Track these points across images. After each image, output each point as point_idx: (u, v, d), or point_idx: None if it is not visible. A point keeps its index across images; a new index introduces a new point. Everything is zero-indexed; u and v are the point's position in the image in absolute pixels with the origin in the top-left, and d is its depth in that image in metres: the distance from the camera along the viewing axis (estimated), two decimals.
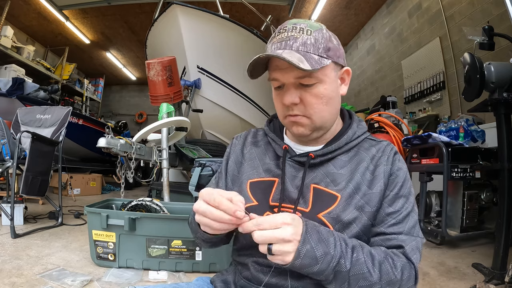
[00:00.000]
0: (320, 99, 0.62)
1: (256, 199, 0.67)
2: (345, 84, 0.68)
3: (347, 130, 0.69)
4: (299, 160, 0.67)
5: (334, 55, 0.62)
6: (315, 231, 0.53)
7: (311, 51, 0.59)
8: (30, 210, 2.82)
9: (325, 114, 0.64)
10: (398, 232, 0.62)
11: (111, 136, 2.05)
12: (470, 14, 3.29)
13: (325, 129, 0.67)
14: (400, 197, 0.64)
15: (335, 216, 0.61)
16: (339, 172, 0.65)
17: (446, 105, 3.69)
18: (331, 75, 0.63)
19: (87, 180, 4.65)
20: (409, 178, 0.67)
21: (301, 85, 0.61)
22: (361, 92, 6.15)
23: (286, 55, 0.57)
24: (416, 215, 0.65)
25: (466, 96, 1.69)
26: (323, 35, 0.61)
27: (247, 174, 0.71)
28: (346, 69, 0.66)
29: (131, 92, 9.73)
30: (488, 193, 2.10)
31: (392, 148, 0.69)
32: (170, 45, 3.67)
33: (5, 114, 3.06)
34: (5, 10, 4.71)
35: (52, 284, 1.34)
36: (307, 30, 0.60)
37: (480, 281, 1.46)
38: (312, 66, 0.57)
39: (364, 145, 0.69)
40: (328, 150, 0.66)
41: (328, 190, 0.64)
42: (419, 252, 0.62)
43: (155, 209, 1.73)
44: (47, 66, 5.97)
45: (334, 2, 5.06)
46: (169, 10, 3.32)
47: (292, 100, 0.61)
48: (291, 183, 0.66)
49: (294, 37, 0.60)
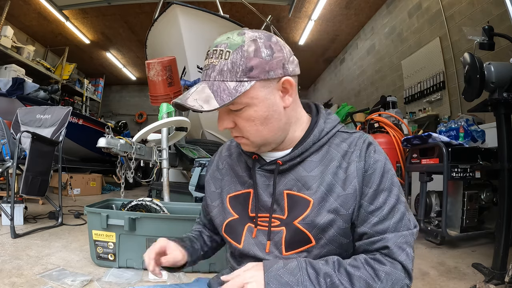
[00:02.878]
0: (252, 121, 0.60)
1: (236, 212, 0.69)
2: (289, 95, 0.61)
3: (313, 129, 0.65)
4: (268, 168, 0.67)
5: (261, 72, 0.56)
6: (275, 280, 0.54)
7: (227, 79, 0.56)
8: (30, 210, 2.82)
9: (264, 134, 0.61)
10: (382, 231, 0.59)
11: (111, 136, 2.05)
12: (470, 14, 3.29)
13: (274, 143, 0.64)
14: (381, 192, 0.60)
15: (310, 222, 0.61)
16: (310, 174, 0.63)
17: (446, 105, 3.69)
18: (261, 95, 0.58)
19: (87, 180, 4.65)
20: (390, 168, 0.62)
21: (232, 110, 0.60)
22: (361, 92, 6.15)
23: (195, 95, 0.57)
24: (402, 206, 0.61)
25: (466, 96, 1.69)
26: (243, 54, 0.56)
27: (226, 189, 0.73)
28: (285, 79, 0.59)
29: (131, 92, 9.74)
30: (488, 193, 2.10)
31: (365, 140, 0.64)
32: (170, 45, 3.67)
33: (5, 114, 3.06)
34: (5, 10, 4.71)
35: (52, 284, 1.34)
36: (225, 52, 0.56)
37: (480, 281, 1.46)
38: (221, 102, 0.55)
39: (335, 141, 0.65)
40: (295, 154, 0.64)
41: (301, 194, 0.63)
42: (409, 247, 0.59)
43: (155, 209, 1.73)
44: (47, 66, 5.97)
45: (334, 2, 5.05)
46: (169, 10, 3.32)
47: (225, 126, 0.62)
48: (264, 192, 0.66)
49: (212, 65, 0.58)
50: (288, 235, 0.63)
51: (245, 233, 0.67)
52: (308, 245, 0.62)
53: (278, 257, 0.63)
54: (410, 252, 0.59)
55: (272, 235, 0.64)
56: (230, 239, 0.70)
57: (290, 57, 0.61)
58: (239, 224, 0.69)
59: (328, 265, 0.56)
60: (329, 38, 6.38)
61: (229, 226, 0.70)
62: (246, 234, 0.67)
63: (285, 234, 0.63)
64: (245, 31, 0.59)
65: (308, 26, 5.72)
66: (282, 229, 0.63)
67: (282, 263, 0.57)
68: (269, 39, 0.58)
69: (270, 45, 0.58)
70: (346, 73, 6.91)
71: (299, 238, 0.62)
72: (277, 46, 0.58)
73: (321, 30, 6.01)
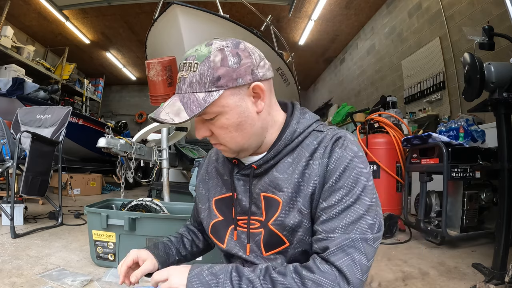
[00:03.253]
0: (226, 129, 0.61)
1: (221, 214, 0.72)
2: (262, 100, 0.62)
3: (285, 131, 0.65)
4: (245, 173, 0.68)
5: (229, 80, 0.57)
6: (197, 279, 0.57)
7: (197, 90, 0.58)
8: (30, 210, 2.82)
9: (238, 140, 0.62)
10: (329, 230, 0.56)
11: (111, 136, 2.05)
12: (470, 14, 3.29)
13: (251, 148, 0.65)
14: (338, 189, 0.57)
15: (280, 223, 0.62)
16: (282, 176, 0.64)
17: (446, 105, 3.69)
18: (231, 102, 0.59)
19: (87, 180, 4.65)
20: (356, 165, 0.58)
21: (206, 120, 0.62)
22: (361, 92, 6.15)
23: (167, 109, 0.59)
24: (362, 208, 0.56)
25: (466, 96, 1.69)
26: (209, 64, 0.57)
27: (213, 192, 0.76)
28: (255, 85, 0.60)
29: (131, 92, 9.74)
30: (488, 193, 2.10)
31: (334, 136, 0.62)
32: (170, 45, 3.66)
33: (5, 114, 3.06)
34: (5, 10, 4.71)
35: (52, 284, 1.34)
36: (194, 64, 0.58)
37: (480, 281, 1.46)
38: (191, 113, 0.57)
39: (308, 141, 0.65)
40: (268, 157, 0.65)
41: (274, 196, 0.64)
42: (358, 253, 0.54)
43: (155, 209, 1.73)
44: (47, 66, 5.97)
45: (334, 2, 5.05)
46: (169, 10, 3.31)
47: (202, 135, 0.64)
48: (243, 196, 0.69)
49: (183, 78, 0.60)
50: (265, 237, 0.64)
51: (228, 234, 0.70)
52: (283, 246, 0.63)
53: (259, 257, 0.65)
54: (360, 259, 0.54)
55: (253, 237, 0.66)
56: (215, 240, 0.73)
57: (260, 62, 0.61)
58: (223, 226, 0.72)
59: (254, 272, 0.57)
60: (329, 38, 6.38)
61: (214, 227, 0.73)
62: (230, 235, 0.70)
63: (263, 235, 0.65)
64: (213, 41, 0.60)
65: (308, 26, 5.72)
66: (261, 231, 0.65)
67: (209, 265, 0.59)
68: (236, 46, 0.59)
69: (237, 52, 0.58)
70: (346, 73, 6.91)
71: (274, 239, 0.63)
72: (245, 53, 0.59)
73: (321, 30, 6.01)
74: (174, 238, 0.85)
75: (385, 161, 2.50)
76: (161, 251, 0.77)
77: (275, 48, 4.16)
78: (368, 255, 0.55)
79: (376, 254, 0.58)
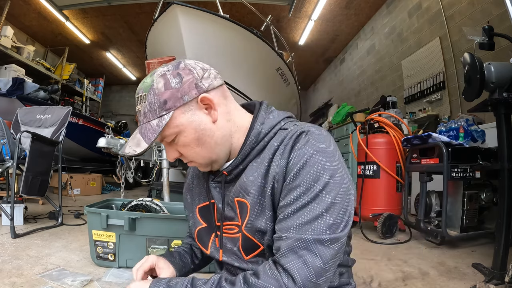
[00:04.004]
0: (188, 146, 0.63)
1: (205, 221, 0.74)
2: (214, 109, 0.63)
3: (249, 134, 0.65)
4: (218, 180, 0.70)
5: (175, 101, 0.60)
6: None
7: (150, 119, 0.61)
8: (30, 210, 2.82)
9: (203, 154, 0.64)
10: (283, 229, 0.54)
11: (111, 136, 2.05)
12: (470, 14, 3.29)
13: (220, 158, 0.66)
14: (295, 188, 0.55)
15: (250, 227, 0.62)
16: (249, 179, 0.63)
17: (446, 105, 3.69)
18: (184, 120, 0.61)
19: (87, 180, 4.65)
20: (317, 161, 0.54)
21: (169, 142, 0.64)
22: (361, 92, 6.15)
23: (130, 142, 0.63)
24: (320, 208, 0.53)
25: (466, 96, 1.69)
26: (155, 92, 0.60)
27: (196, 200, 0.77)
28: (201, 97, 0.61)
29: (131, 92, 9.73)
30: (488, 193, 2.10)
31: (295, 132, 0.59)
32: (170, 45, 3.66)
33: (5, 114, 3.06)
34: (5, 10, 4.71)
35: (52, 284, 1.34)
36: (143, 96, 0.61)
37: (480, 281, 1.46)
38: (148, 141, 0.60)
39: (273, 141, 0.63)
40: (235, 163, 0.66)
41: (244, 200, 0.64)
42: (311, 255, 0.51)
43: (155, 209, 1.73)
44: (47, 66, 5.97)
45: (334, 2, 5.05)
46: (169, 10, 3.31)
47: (173, 157, 0.66)
48: (219, 203, 0.70)
49: (139, 111, 0.63)
50: (242, 241, 0.65)
51: (211, 241, 0.72)
52: (258, 250, 0.63)
53: (241, 261, 0.66)
54: (313, 261, 0.51)
55: (234, 241, 0.67)
56: (201, 246, 0.75)
57: (203, 73, 0.62)
58: (206, 233, 0.74)
59: (207, 284, 0.58)
60: (329, 38, 6.38)
61: (199, 234, 0.75)
62: (212, 242, 0.72)
63: (240, 240, 0.65)
64: (155, 70, 0.62)
65: (308, 26, 5.72)
66: (239, 236, 0.65)
67: (167, 279, 0.61)
68: (176, 67, 0.62)
69: (178, 72, 0.61)
70: (346, 73, 6.91)
71: (249, 243, 0.64)
72: (185, 71, 0.61)
73: (321, 30, 6.01)
74: (185, 248, 0.86)
75: (385, 161, 2.50)
76: (177, 259, 0.78)
77: (275, 48, 4.16)
78: (324, 257, 0.51)
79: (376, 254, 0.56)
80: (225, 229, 0.69)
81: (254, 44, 3.85)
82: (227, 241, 0.68)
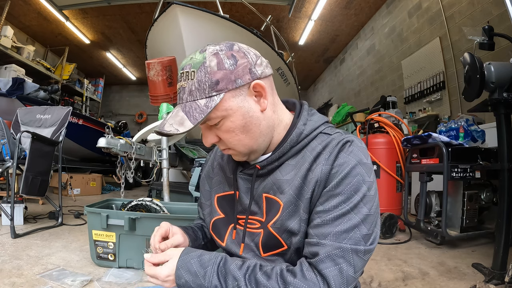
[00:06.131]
0: (232, 132, 0.60)
1: (223, 212, 0.72)
2: (264, 98, 0.61)
3: (291, 132, 0.64)
4: (249, 172, 0.68)
5: (228, 83, 0.57)
6: (185, 267, 0.58)
7: (197, 98, 0.58)
8: (30, 210, 2.82)
9: (246, 142, 0.61)
10: (321, 235, 0.55)
11: (111, 136, 2.05)
12: (470, 14, 3.29)
13: (260, 149, 0.65)
14: (336, 196, 0.56)
15: (279, 226, 0.61)
16: (285, 178, 0.62)
17: (446, 105, 3.70)
18: (233, 104, 0.58)
19: (87, 180, 4.65)
20: (359, 173, 0.57)
21: (211, 126, 0.61)
22: (361, 92, 6.15)
23: (171, 120, 0.59)
24: (358, 218, 0.55)
25: (466, 96, 1.69)
26: (206, 70, 0.57)
27: (215, 189, 0.75)
28: (255, 83, 0.59)
29: (131, 92, 9.74)
30: (488, 193, 2.10)
31: (340, 140, 0.60)
32: (170, 45, 3.66)
33: (5, 114, 3.06)
34: (5, 10, 4.71)
35: (52, 284, 1.34)
36: (191, 73, 0.58)
37: (480, 281, 1.46)
38: (194, 121, 0.57)
39: (313, 143, 0.63)
40: (272, 158, 0.64)
41: (275, 198, 0.63)
42: (347, 264, 0.53)
43: (155, 209, 1.73)
44: (47, 66, 5.97)
45: (334, 2, 5.06)
46: (169, 10, 3.31)
47: (210, 142, 0.63)
48: (245, 195, 0.68)
49: (182, 88, 0.59)
50: (264, 238, 0.64)
51: (228, 233, 0.70)
52: (281, 249, 0.62)
53: (258, 257, 0.65)
54: (347, 270, 0.53)
55: (252, 237, 0.66)
56: (216, 237, 0.73)
57: (257, 60, 0.60)
58: (224, 224, 0.71)
59: (241, 269, 0.57)
60: (329, 38, 6.38)
61: (215, 224, 0.73)
62: (229, 234, 0.70)
63: (262, 236, 0.64)
64: (207, 47, 0.59)
65: (308, 26, 5.72)
66: (261, 232, 0.64)
67: (199, 252, 0.60)
68: (230, 48, 0.59)
69: (232, 54, 0.58)
70: (346, 73, 6.91)
71: (273, 241, 0.63)
72: (240, 53, 0.59)
73: (321, 30, 6.02)
74: (197, 226, 0.84)
75: (385, 161, 2.50)
76: (190, 231, 0.77)
77: (275, 48, 4.16)
78: (356, 267, 0.54)
79: (376, 254, 0.57)
80: (243, 223, 0.68)
81: (254, 44, 3.85)
82: (245, 235, 0.67)
